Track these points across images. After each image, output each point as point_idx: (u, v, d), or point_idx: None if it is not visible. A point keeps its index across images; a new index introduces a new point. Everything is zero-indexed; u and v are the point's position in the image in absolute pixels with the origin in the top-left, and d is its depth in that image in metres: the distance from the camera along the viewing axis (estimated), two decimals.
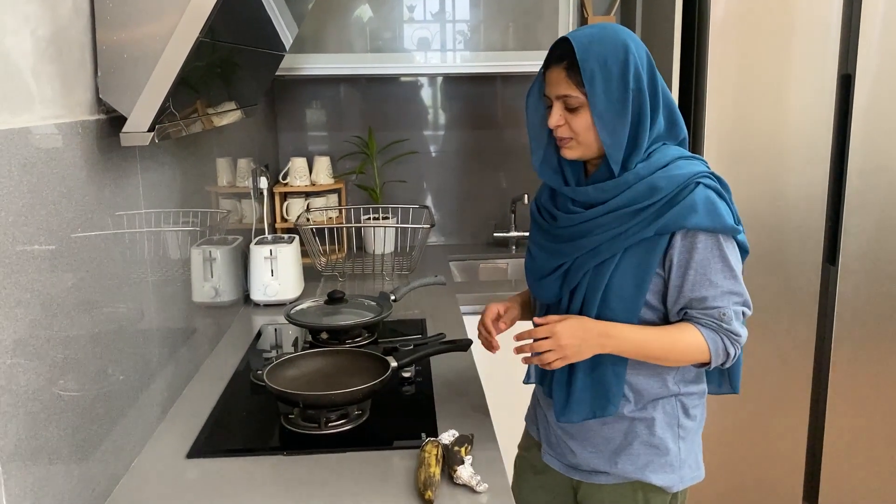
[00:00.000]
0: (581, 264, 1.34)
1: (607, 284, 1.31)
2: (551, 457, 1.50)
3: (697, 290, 1.28)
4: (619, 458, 1.40)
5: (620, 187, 1.30)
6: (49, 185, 1.06)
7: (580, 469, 1.45)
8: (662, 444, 1.38)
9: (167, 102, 1.21)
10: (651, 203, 1.27)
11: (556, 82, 1.30)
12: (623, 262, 1.30)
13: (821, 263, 2.45)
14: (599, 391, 1.36)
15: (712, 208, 1.26)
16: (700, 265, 1.27)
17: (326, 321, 1.93)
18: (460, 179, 3.03)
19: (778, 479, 2.60)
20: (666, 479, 1.39)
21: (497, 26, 2.71)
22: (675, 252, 1.28)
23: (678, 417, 1.40)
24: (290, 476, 1.29)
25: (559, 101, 1.30)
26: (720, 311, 1.28)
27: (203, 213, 1.85)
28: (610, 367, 1.34)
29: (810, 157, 2.39)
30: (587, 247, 1.32)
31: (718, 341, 1.29)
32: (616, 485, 1.41)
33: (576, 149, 1.32)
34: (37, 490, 1.01)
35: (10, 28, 0.99)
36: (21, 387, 0.97)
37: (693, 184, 1.27)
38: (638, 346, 1.30)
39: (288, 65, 2.52)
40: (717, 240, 1.28)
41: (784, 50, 2.32)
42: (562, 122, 1.30)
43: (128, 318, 1.35)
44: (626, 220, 1.29)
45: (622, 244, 1.29)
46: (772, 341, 2.49)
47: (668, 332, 1.30)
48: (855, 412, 2.54)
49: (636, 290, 1.31)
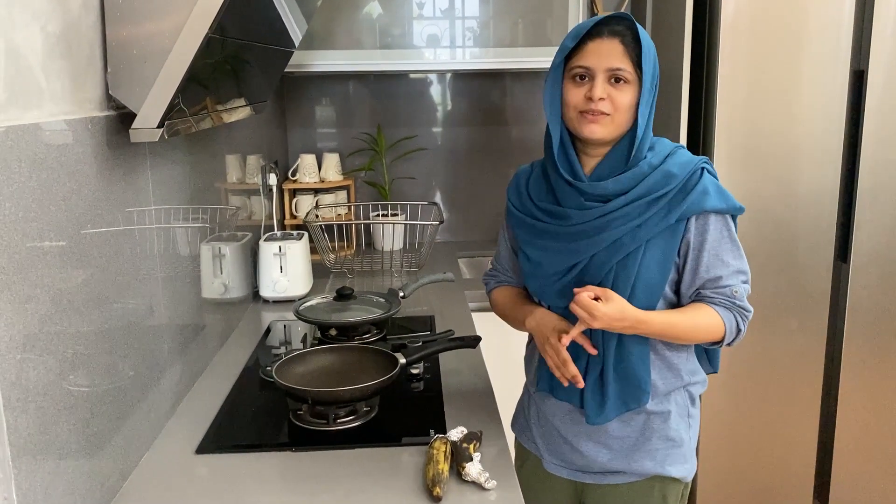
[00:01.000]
0: (603, 260, 1.32)
1: (636, 276, 1.31)
2: (556, 465, 1.48)
3: (712, 270, 1.31)
4: (636, 455, 1.39)
5: (638, 178, 1.31)
6: (59, 182, 1.06)
7: (590, 472, 1.44)
8: (678, 435, 1.40)
9: (176, 99, 1.21)
10: (668, 190, 1.29)
11: (608, 54, 1.27)
12: (647, 253, 1.31)
13: (832, 261, 2.43)
14: (631, 383, 1.35)
15: (721, 190, 1.31)
16: (713, 246, 1.31)
17: (335, 318, 1.93)
18: (469, 176, 3.02)
19: (789, 476, 2.58)
20: (683, 470, 1.41)
21: (506, 22, 2.70)
22: (691, 235, 1.31)
23: (687, 407, 1.42)
24: (298, 472, 1.30)
25: (606, 73, 1.27)
26: (731, 288, 1.31)
27: (212, 209, 1.85)
28: (637, 357, 1.35)
29: (822, 155, 2.37)
30: (607, 241, 1.31)
31: (732, 319, 1.32)
32: (632, 483, 1.41)
33: (607, 126, 1.29)
34: (47, 485, 1.01)
35: (20, 24, 0.99)
36: (31, 382, 0.98)
37: (699, 169, 1.31)
38: (664, 327, 1.31)
39: (297, 61, 2.52)
40: (726, 220, 1.32)
41: (795, 46, 2.30)
42: (605, 95, 1.28)
43: (137, 314, 1.35)
44: (645, 210, 1.30)
45: (645, 235, 1.30)
46: (783, 339, 2.48)
47: (689, 314, 1.32)
48: (866, 410, 2.52)
49: (661, 279, 1.32)
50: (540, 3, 2.66)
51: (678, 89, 2.38)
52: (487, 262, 2.93)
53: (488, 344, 1.77)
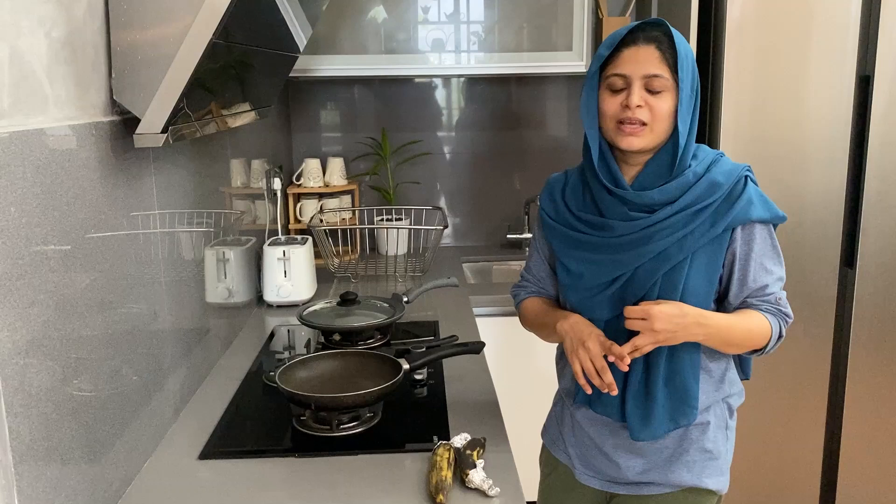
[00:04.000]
0: (649, 272, 1.29)
1: (684, 287, 1.28)
2: (589, 476, 1.45)
3: (759, 279, 1.31)
4: (673, 467, 1.36)
5: (683, 187, 1.28)
6: (63, 186, 1.06)
7: (624, 482, 1.41)
8: (715, 447, 1.37)
9: (181, 104, 1.21)
10: (713, 200, 1.27)
11: (644, 61, 1.24)
12: (694, 263, 1.28)
13: (838, 266, 2.42)
14: (681, 399, 1.32)
15: (765, 200, 1.31)
16: (758, 256, 1.30)
17: (339, 323, 1.93)
18: (474, 181, 3.02)
19: (795, 483, 2.57)
20: (719, 483, 1.39)
21: (511, 27, 2.70)
22: (737, 245, 1.29)
23: (726, 420, 1.41)
24: (301, 478, 1.29)
25: (643, 80, 1.24)
26: (775, 296, 1.32)
27: (217, 213, 1.85)
28: (689, 371, 1.31)
29: (828, 159, 2.36)
30: (653, 252, 1.28)
31: (777, 325, 1.32)
32: (665, 494, 1.38)
33: (645, 137, 1.26)
34: (49, 491, 1.01)
35: (25, 30, 0.99)
36: (34, 387, 0.98)
37: (743, 177, 1.30)
38: (724, 332, 1.28)
39: (302, 66, 2.53)
40: (770, 229, 1.32)
41: (801, 51, 2.30)
42: (643, 103, 1.24)
43: (141, 319, 1.35)
44: (691, 220, 1.27)
45: (692, 245, 1.27)
46: (789, 344, 2.46)
47: (745, 319, 1.30)
48: (872, 416, 2.51)
49: (708, 289, 1.30)
50: (545, 9, 2.66)
51: None
52: (492, 266, 2.94)
53: (493, 350, 1.76)
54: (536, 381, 2.03)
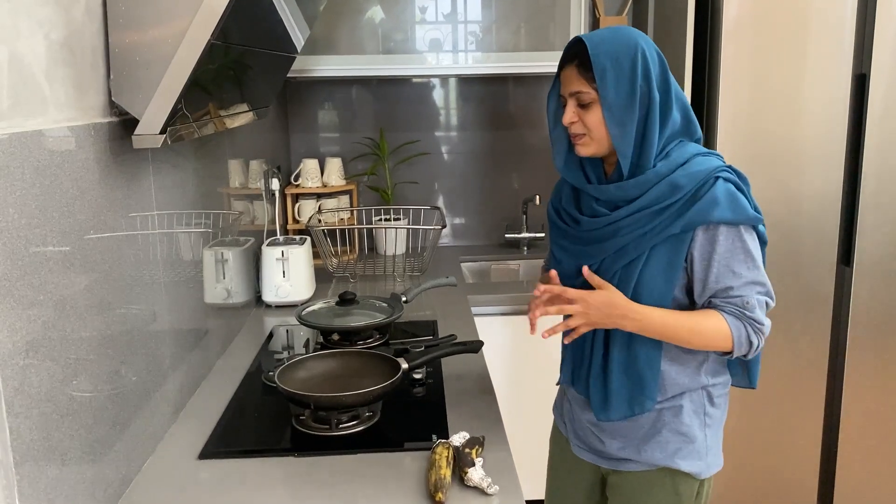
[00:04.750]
0: (609, 266, 1.37)
1: (637, 282, 1.35)
2: (581, 448, 1.55)
3: (721, 280, 1.32)
4: (647, 446, 1.43)
5: (643, 186, 1.33)
6: (62, 188, 1.07)
7: (609, 457, 1.49)
8: (690, 431, 1.42)
9: (179, 105, 1.21)
10: (674, 201, 1.31)
11: (568, 80, 1.35)
12: (651, 260, 1.34)
13: (835, 265, 2.43)
14: (636, 388, 1.39)
15: (734, 201, 1.30)
16: (723, 257, 1.31)
17: (338, 322, 1.93)
18: (472, 180, 3.03)
19: (793, 480, 2.58)
20: (694, 466, 1.43)
21: (509, 27, 2.70)
22: (696, 245, 1.32)
23: (704, 406, 1.44)
24: (300, 477, 1.30)
25: (572, 98, 1.35)
26: (743, 299, 1.32)
27: (215, 214, 1.85)
28: (645, 364, 1.38)
29: (825, 158, 2.37)
30: (614, 248, 1.36)
31: (742, 329, 1.32)
32: (645, 472, 1.45)
33: (589, 145, 1.36)
34: (49, 491, 1.02)
35: (23, 32, 1.00)
36: (34, 388, 0.98)
37: (713, 178, 1.31)
38: (661, 328, 1.33)
39: (300, 66, 2.53)
40: (739, 231, 1.31)
41: (798, 50, 2.30)
42: (575, 119, 1.35)
43: (140, 319, 1.35)
44: (650, 220, 1.33)
45: (648, 243, 1.33)
46: (786, 343, 2.47)
47: (692, 316, 1.34)
48: (870, 414, 2.52)
49: (665, 286, 1.34)
50: (542, 8, 2.67)
51: None
52: (490, 266, 2.95)
53: (491, 349, 1.77)
54: (534, 379, 2.03)
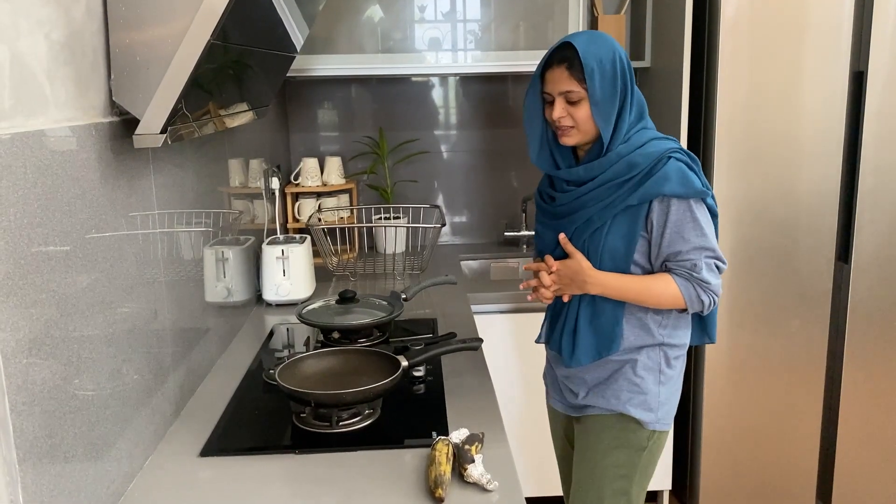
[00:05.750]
0: (579, 234, 1.59)
1: (602, 247, 1.56)
2: (556, 400, 1.80)
3: (672, 245, 1.53)
4: (605, 393, 1.64)
5: (605, 165, 1.55)
6: (63, 187, 1.07)
7: (576, 406, 1.71)
8: (643, 384, 1.62)
9: (179, 104, 1.22)
10: (631, 176, 1.52)
11: (558, 80, 1.53)
12: (613, 227, 1.55)
13: (833, 261, 2.44)
14: (602, 335, 1.61)
15: (683, 177, 1.50)
16: (674, 225, 1.52)
17: (338, 321, 1.94)
18: (471, 179, 3.03)
19: (792, 476, 2.59)
20: (645, 415, 1.62)
21: (508, 26, 2.71)
22: (654, 216, 1.53)
23: (660, 364, 1.63)
24: (301, 475, 1.30)
25: (561, 96, 1.54)
26: (692, 262, 1.53)
27: (215, 213, 1.86)
28: (609, 317, 1.60)
29: (822, 155, 2.37)
30: (583, 218, 1.58)
31: (691, 288, 1.54)
32: (601, 415, 1.66)
33: (575, 136, 1.56)
34: (52, 488, 1.02)
35: (24, 31, 1.00)
36: (37, 386, 0.99)
37: (666, 158, 1.51)
38: (618, 290, 1.56)
39: (299, 66, 2.54)
40: (689, 204, 1.52)
41: (796, 47, 2.31)
42: (564, 115, 1.54)
43: (141, 318, 1.36)
44: (612, 192, 1.54)
45: (610, 213, 1.54)
46: (784, 340, 2.48)
47: (644, 279, 1.56)
48: (868, 410, 2.53)
49: (626, 251, 1.56)
50: (541, 7, 2.67)
51: (678, 90, 2.39)
52: (490, 264, 2.95)
53: (490, 346, 1.78)
54: (533, 376, 2.04)
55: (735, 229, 2.41)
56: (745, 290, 2.45)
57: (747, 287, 2.44)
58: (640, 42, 2.76)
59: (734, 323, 2.47)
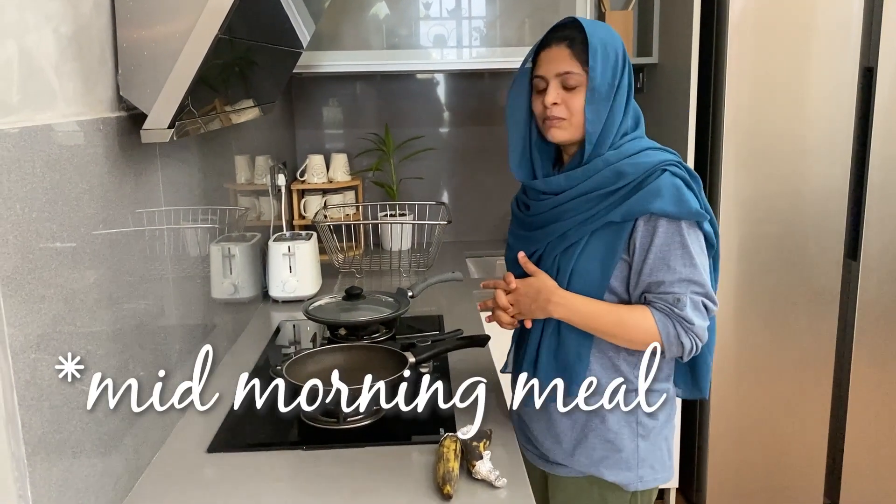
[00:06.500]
0: (550, 251, 1.37)
1: (573, 268, 1.33)
2: (527, 449, 1.51)
3: (655, 274, 1.28)
4: (576, 451, 1.41)
5: (589, 173, 1.32)
6: (71, 182, 1.07)
7: (547, 460, 1.48)
8: (617, 439, 1.38)
9: (186, 100, 1.22)
10: (617, 188, 1.29)
11: (557, 59, 1.31)
12: (589, 245, 1.32)
13: (842, 259, 2.43)
14: (564, 371, 1.34)
15: (677, 194, 1.27)
16: (660, 250, 1.28)
17: (344, 317, 1.94)
18: (477, 176, 3.03)
19: (799, 476, 2.58)
20: (621, 477, 1.39)
21: (513, 22, 2.70)
22: (637, 236, 1.29)
23: (638, 415, 1.38)
24: (308, 471, 1.30)
25: (557, 79, 1.31)
26: (675, 296, 1.27)
27: (222, 210, 1.86)
28: (574, 351, 1.35)
29: (831, 152, 2.36)
30: (557, 232, 1.35)
31: (670, 326, 1.28)
32: (574, 478, 1.44)
33: (566, 129, 1.33)
34: (60, 483, 1.02)
35: (32, 26, 1.00)
36: (45, 381, 0.99)
37: (659, 171, 1.28)
38: (586, 317, 1.31)
39: (305, 62, 2.53)
40: (679, 227, 1.28)
41: (804, 43, 2.30)
42: (559, 101, 1.31)
43: (148, 314, 1.36)
44: (593, 205, 1.31)
45: (588, 228, 1.32)
46: (792, 338, 2.47)
47: (618, 309, 1.31)
48: (877, 408, 2.51)
49: (601, 274, 1.32)
50: (547, 3, 2.66)
51: (686, 86, 2.38)
52: (495, 261, 2.94)
53: (497, 343, 1.77)
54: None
55: (743, 227, 2.40)
56: (753, 288, 2.44)
57: (755, 284, 2.43)
58: (647, 38, 2.74)
59: (742, 321, 2.46)
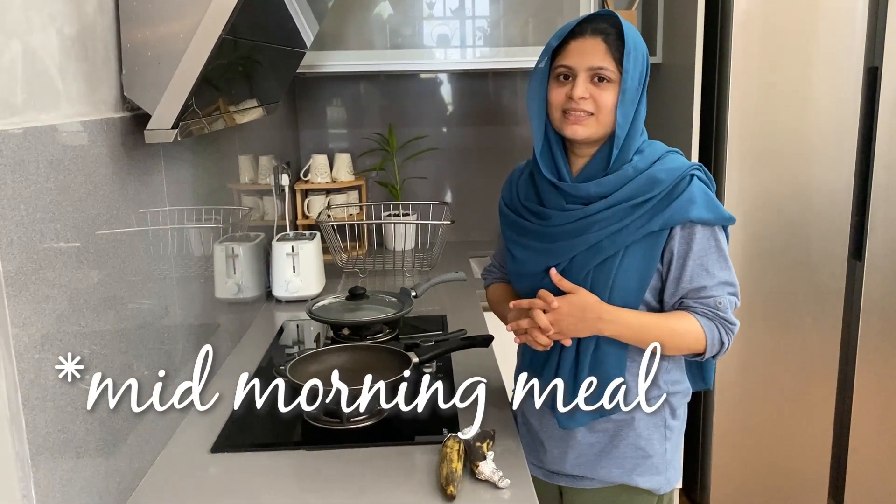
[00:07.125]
0: (582, 263, 1.30)
1: (613, 282, 1.28)
2: (536, 467, 1.47)
3: (696, 280, 1.28)
4: (603, 462, 1.38)
5: (622, 181, 1.28)
6: (75, 182, 1.07)
7: (563, 474, 1.44)
8: (649, 445, 1.37)
9: (190, 100, 1.22)
10: (652, 196, 1.26)
11: (591, 52, 1.26)
12: (627, 257, 1.28)
13: (846, 259, 2.42)
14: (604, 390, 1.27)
15: (710, 200, 1.28)
16: (698, 256, 1.27)
17: (348, 317, 1.94)
18: (480, 175, 3.02)
19: (803, 475, 2.57)
20: (653, 482, 1.39)
21: (517, 22, 2.70)
22: (675, 244, 1.28)
23: (665, 418, 1.39)
24: (312, 471, 1.30)
25: (589, 72, 1.26)
26: (716, 300, 1.28)
27: (225, 209, 1.86)
28: (615, 362, 1.31)
29: (836, 152, 2.35)
30: (587, 244, 1.29)
31: (715, 330, 1.28)
32: (599, 489, 1.41)
33: (591, 127, 1.28)
34: (64, 483, 1.02)
35: (36, 26, 1.00)
36: (49, 381, 0.99)
37: (688, 176, 1.28)
38: (637, 331, 1.27)
39: (309, 62, 2.53)
40: (714, 231, 1.29)
41: (809, 42, 2.29)
42: (587, 95, 1.26)
43: (152, 314, 1.36)
44: (627, 215, 1.27)
45: (625, 240, 1.27)
46: (797, 338, 2.46)
47: (667, 319, 1.29)
48: (881, 409, 2.51)
49: (639, 286, 1.29)
50: (550, 2, 2.66)
51: (690, 86, 2.37)
52: None
53: (501, 343, 1.77)
54: None
55: (747, 227, 2.39)
56: (757, 288, 2.43)
57: (760, 285, 2.43)
58: (651, 38, 2.74)
59: (747, 321, 2.45)
